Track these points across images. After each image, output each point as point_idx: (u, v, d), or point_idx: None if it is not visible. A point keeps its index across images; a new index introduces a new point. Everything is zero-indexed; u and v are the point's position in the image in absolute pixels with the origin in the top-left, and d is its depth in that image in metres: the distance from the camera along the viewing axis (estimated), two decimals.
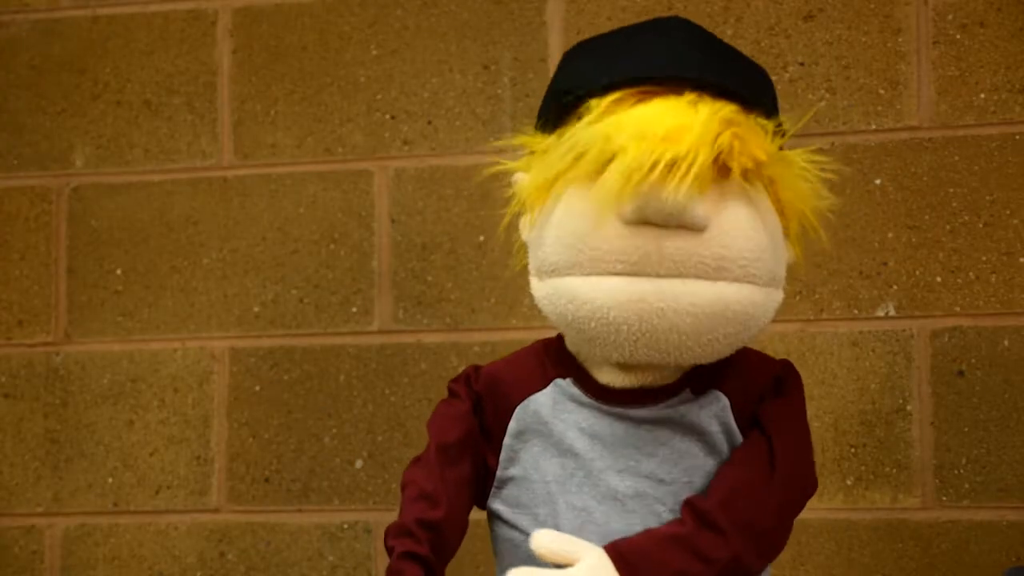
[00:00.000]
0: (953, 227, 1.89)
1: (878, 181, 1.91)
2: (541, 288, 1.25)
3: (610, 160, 1.16)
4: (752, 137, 1.18)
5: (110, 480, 2.07)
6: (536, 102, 1.33)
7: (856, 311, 1.90)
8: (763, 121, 1.20)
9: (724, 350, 1.23)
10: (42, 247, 2.12)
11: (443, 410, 1.34)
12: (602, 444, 1.26)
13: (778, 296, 1.26)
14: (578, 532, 1.23)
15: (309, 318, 2.04)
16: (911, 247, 1.90)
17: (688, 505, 1.23)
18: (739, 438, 1.26)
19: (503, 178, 1.31)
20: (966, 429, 1.87)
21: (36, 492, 2.09)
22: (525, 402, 1.29)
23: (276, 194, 2.07)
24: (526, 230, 1.29)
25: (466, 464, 1.30)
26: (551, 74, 1.98)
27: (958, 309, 1.88)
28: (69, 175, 2.13)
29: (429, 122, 2.04)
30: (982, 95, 1.89)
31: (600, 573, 1.19)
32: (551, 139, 1.23)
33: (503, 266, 1.33)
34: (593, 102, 1.19)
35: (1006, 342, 1.87)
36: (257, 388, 2.05)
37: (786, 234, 1.27)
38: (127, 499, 2.07)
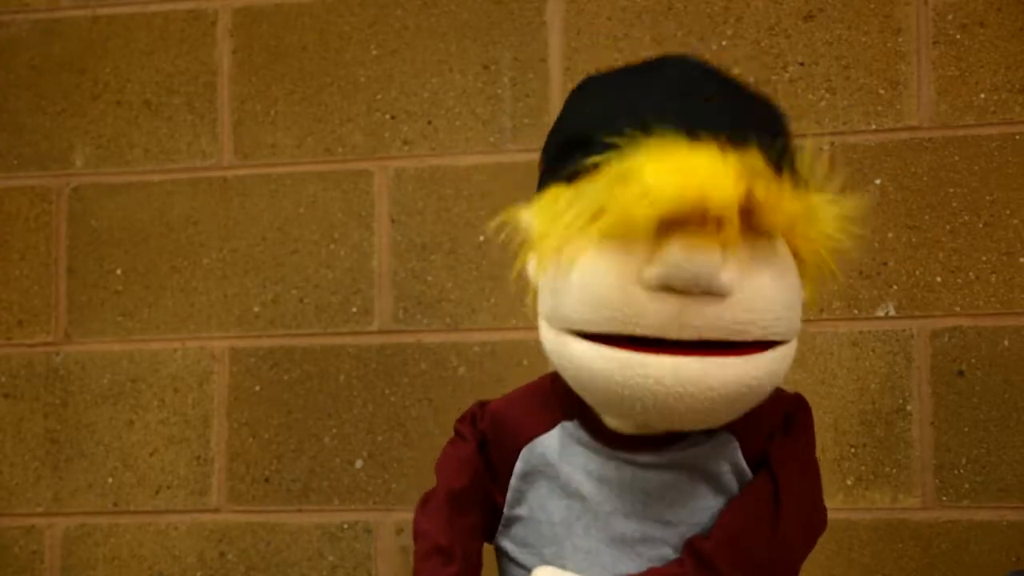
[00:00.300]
0: (953, 227, 1.89)
1: (878, 181, 1.91)
2: (551, 338, 1.20)
3: (635, 216, 1.10)
4: (781, 191, 1.13)
5: (110, 480, 2.07)
6: (536, 102, 1.33)
7: (856, 311, 1.90)
8: (788, 173, 1.15)
9: (735, 417, 1.19)
10: (42, 247, 2.12)
11: (450, 452, 1.32)
12: (609, 488, 1.24)
13: (793, 348, 1.22)
14: (585, 574, 1.22)
15: (309, 318, 2.04)
16: (911, 247, 1.90)
17: (688, 545, 1.21)
18: (749, 476, 1.24)
19: (502, 178, 1.30)
20: (966, 429, 1.87)
21: (36, 492, 2.09)
22: (531, 444, 1.27)
23: (276, 194, 2.07)
24: (536, 273, 1.23)
25: (476, 509, 1.29)
26: (551, 74, 1.98)
27: (958, 309, 1.88)
28: (69, 175, 2.13)
29: (429, 122, 2.04)
30: (982, 95, 1.89)
31: None
32: (562, 187, 1.17)
33: (503, 266, 1.33)
34: (615, 155, 1.12)
35: (1006, 342, 1.87)
36: (257, 388, 2.05)
37: (801, 275, 1.23)
38: (127, 499, 2.07)
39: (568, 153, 1.18)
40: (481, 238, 2.00)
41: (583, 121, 1.20)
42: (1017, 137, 1.88)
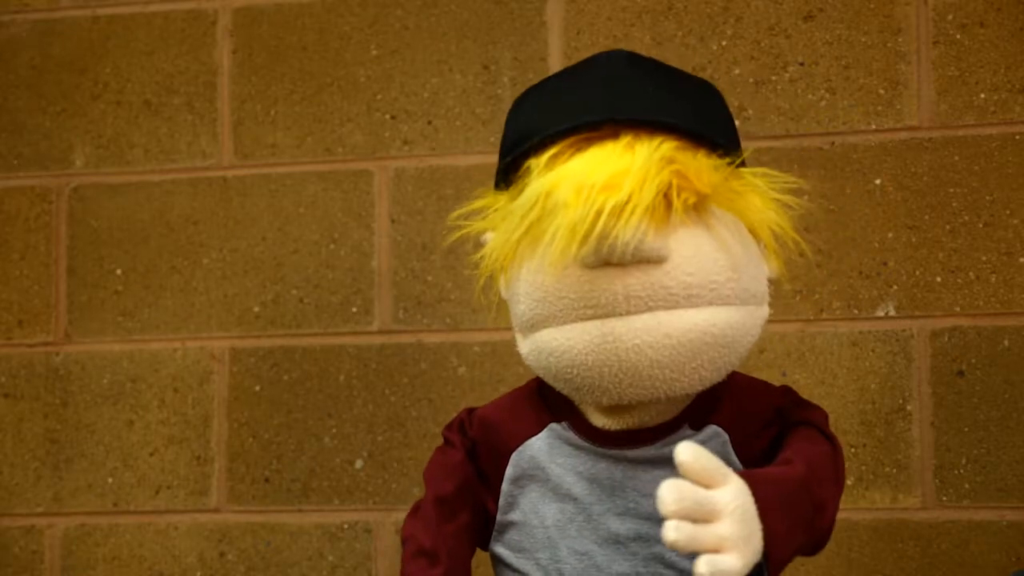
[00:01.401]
0: (953, 227, 1.89)
1: (878, 181, 1.91)
2: (524, 345, 1.24)
3: (559, 248, 1.14)
4: (694, 171, 1.16)
5: (110, 480, 2.07)
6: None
7: (856, 311, 1.90)
8: (706, 152, 1.17)
9: (713, 376, 1.20)
10: (42, 247, 2.12)
11: (439, 459, 1.33)
12: (600, 488, 1.25)
13: (762, 312, 1.23)
14: None
15: (309, 318, 2.04)
16: (911, 247, 1.90)
17: (800, 456, 1.19)
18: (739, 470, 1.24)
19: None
20: (966, 429, 1.87)
21: (36, 492, 2.09)
22: (521, 448, 1.28)
23: (276, 194, 2.07)
24: (503, 289, 1.28)
25: (464, 514, 1.29)
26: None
27: (958, 309, 1.88)
28: (69, 175, 2.13)
29: (429, 122, 2.04)
30: (982, 95, 1.89)
31: (747, 505, 1.10)
32: (506, 198, 1.22)
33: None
34: (532, 161, 1.18)
35: (1006, 342, 1.87)
36: (257, 388, 2.05)
37: (763, 250, 1.24)
38: (127, 499, 2.07)
39: (505, 165, 1.24)
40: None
41: (513, 132, 1.25)
42: (1017, 137, 1.88)
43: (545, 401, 1.29)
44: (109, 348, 2.09)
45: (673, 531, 1.05)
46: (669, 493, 1.07)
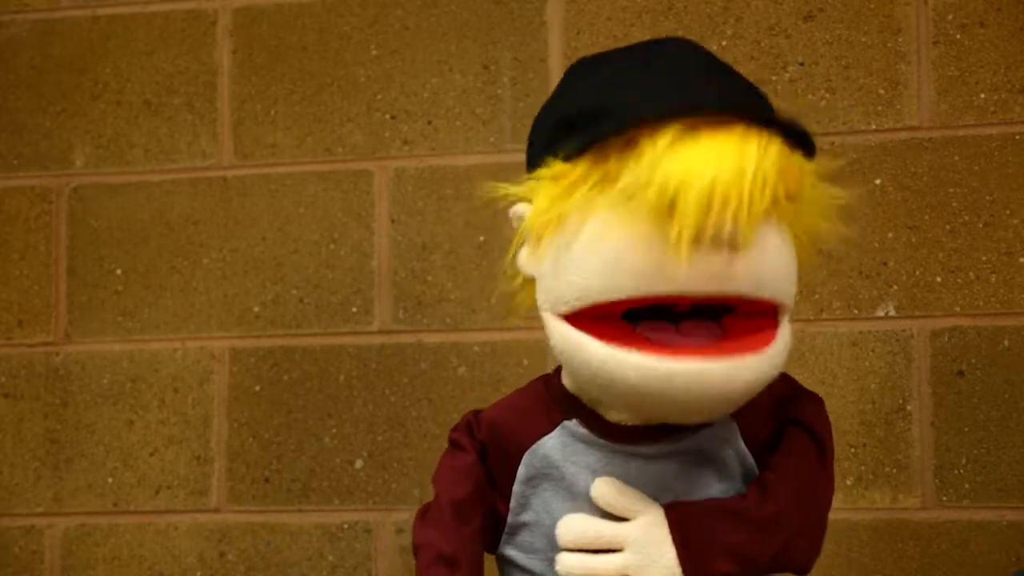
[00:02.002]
0: (953, 227, 1.89)
1: (878, 181, 1.91)
2: (559, 331, 1.18)
3: (664, 203, 1.10)
4: (795, 175, 1.16)
5: (110, 480, 2.07)
6: (536, 102, 1.33)
7: (856, 311, 1.90)
8: (797, 153, 1.17)
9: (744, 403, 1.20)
10: (42, 247, 2.12)
11: (449, 463, 1.30)
12: None
13: (790, 329, 1.22)
14: None
15: (309, 318, 2.04)
16: (911, 247, 1.90)
17: (755, 479, 1.22)
18: (750, 460, 1.25)
19: (502, 178, 1.29)
20: (966, 429, 1.87)
21: (36, 492, 2.09)
22: (534, 447, 1.26)
23: (276, 194, 2.07)
24: (531, 264, 1.22)
25: (478, 518, 1.27)
26: (551, 74, 1.98)
27: (958, 309, 1.88)
28: (69, 175, 2.13)
29: (429, 122, 2.04)
30: (982, 95, 1.89)
31: (654, 532, 1.17)
32: (568, 166, 1.16)
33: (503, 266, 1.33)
34: (644, 137, 1.11)
35: (1006, 342, 1.87)
36: (257, 388, 2.05)
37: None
38: (127, 499, 2.07)
39: (569, 129, 1.17)
40: (481, 238, 2.00)
41: (585, 97, 1.19)
42: (1017, 137, 1.88)
43: (555, 399, 1.27)
44: (109, 348, 2.09)
45: (559, 563, 1.17)
46: (565, 526, 1.18)
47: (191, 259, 2.08)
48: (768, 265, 1.15)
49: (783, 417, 1.27)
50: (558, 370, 1.29)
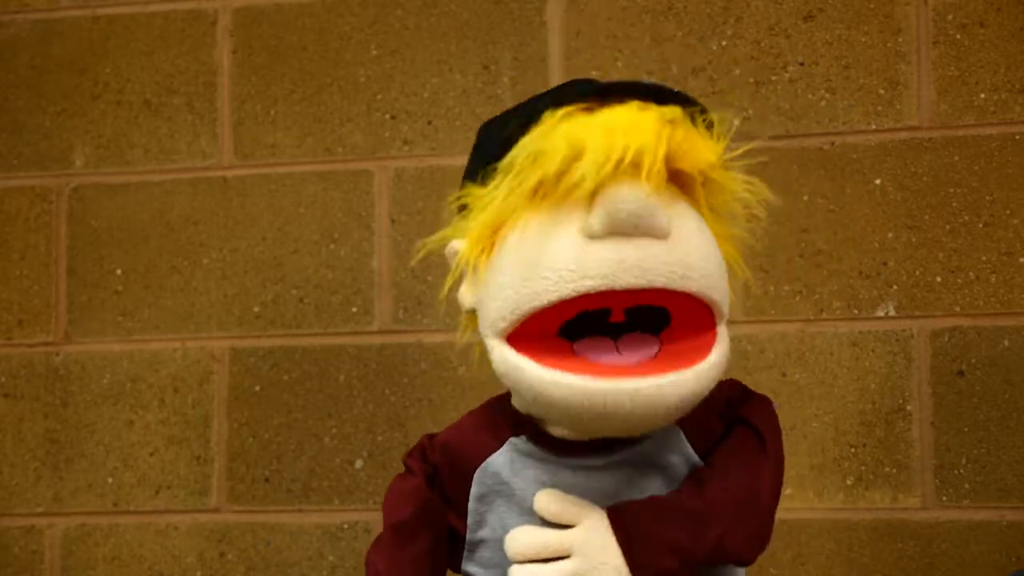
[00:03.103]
0: (953, 227, 1.89)
1: (878, 181, 1.91)
2: (499, 353, 1.21)
3: (568, 168, 1.14)
4: (699, 139, 1.18)
5: (110, 480, 2.07)
6: None
7: (856, 311, 1.90)
8: (705, 121, 1.20)
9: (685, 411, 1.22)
10: (42, 247, 2.12)
11: (397, 486, 1.34)
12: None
13: (726, 338, 1.22)
14: None
15: (309, 318, 2.04)
16: (911, 247, 1.90)
17: (690, 474, 1.23)
18: (699, 464, 1.26)
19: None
20: (966, 429, 1.87)
21: (36, 492, 2.09)
22: (483, 465, 1.28)
23: (276, 194, 2.07)
24: (469, 297, 1.26)
25: (423, 540, 1.30)
26: (551, 74, 1.98)
27: (958, 309, 1.88)
28: (69, 175, 2.13)
29: (429, 122, 2.04)
30: (982, 95, 1.89)
31: (597, 536, 1.19)
32: (485, 188, 1.22)
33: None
34: (546, 114, 1.17)
35: (1006, 342, 1.87)
36: (257, 388, 2.05)
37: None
38: (127, 499, 2.07)
39: (481, 163, 1.25)
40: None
41: (490, 141, 1.26)
42: (1017, 137, 1.88)
43: (503, 416, 1.29)
44: (109, 348, 2.09)
45: (511, 574, 1.20)
46: (513, 539, 1.21)
47: (191, 259, 2.08)
48: (691, 256, 1.17)
49: (733, 416, 1.28)
50: (508, 392, 1.31)
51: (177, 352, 2.07)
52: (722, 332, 1.21)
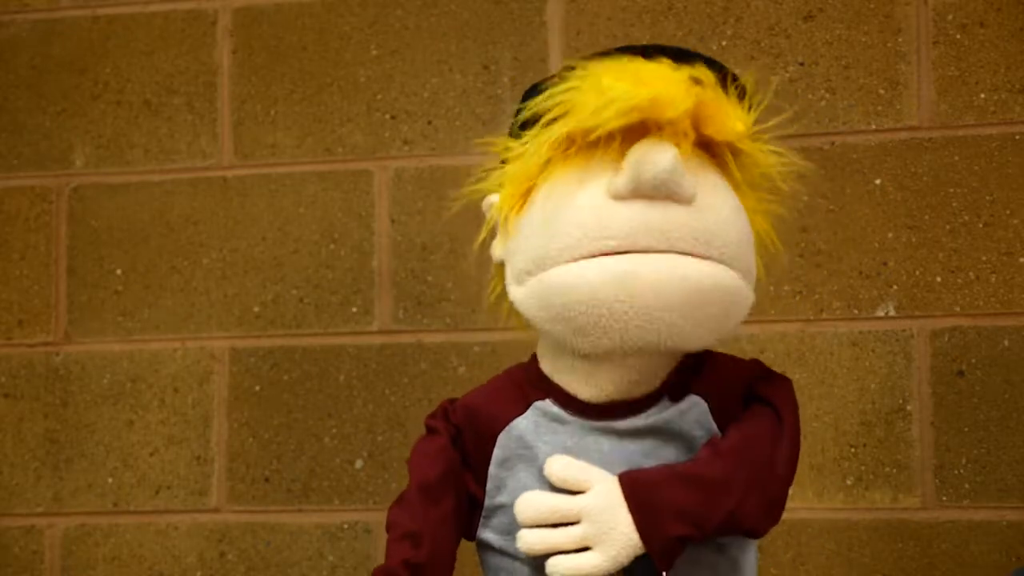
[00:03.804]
0: (953, 227, 1.89)
1: (878, 181, 1.91)
2: (523, 291, 1.24)
3: (596, 121, 1.16)
4: (729, 105, 1.20)
5: (110, 480, 2.07)
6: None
7: (856, 311, 1.90)
8: (738, 87, 1.22)
9: (707, 336, 1.23)
10: (42, 247, 2.12)
11: (422, 447, 1.32)
12: (589, 462, 1.24)
13: (751, 295, 1.25)
14: None
15: (309, 318, 2.04)
16: (911, 247, 1.90)
17: (708, 443, 1.23)
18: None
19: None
20: (966, 429, 1.87)
21: (36, 492, 2.09)
22: (507, 428, 1.28)
23: (276, 194, 2.07)
24: (500, 248, 1.29)
25: (449, 500, 1.29)
26: (551, 74, 1.98)
27: (958, 309, 1.88)
28: (69, 175, 2.13)
29: (429, 122, 2.04)
30: (982, 95, 1.89)
31: (608, 502, 1.19)
32: (519, 142, 1.24)
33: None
34: (578, 68, 1.19)
35: (1006, 342, 1.87)
36: (257, 388, 2.05)
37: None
38: (127, 499, 2.07)
39: (518, 118, 1.26)
40: (481, 238, 2.00)
41: (528, 97, 1.28)
42: (1017, 137, 1.88)
43: (528, 380, 1.30)
44: (109, 348, 2.09)
45: (520, 540, 1.20)
46: (522, 504, 1.21)
47: (191, 259, 2.08)
48: (715, 224, 1.18)
49: (752, 396, 1.29)
50: (534, 356, 1.33)
51: (177, 352, 2.07)
52: (746, 283, 1.23)
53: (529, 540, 1.21)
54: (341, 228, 2.05)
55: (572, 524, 1.20)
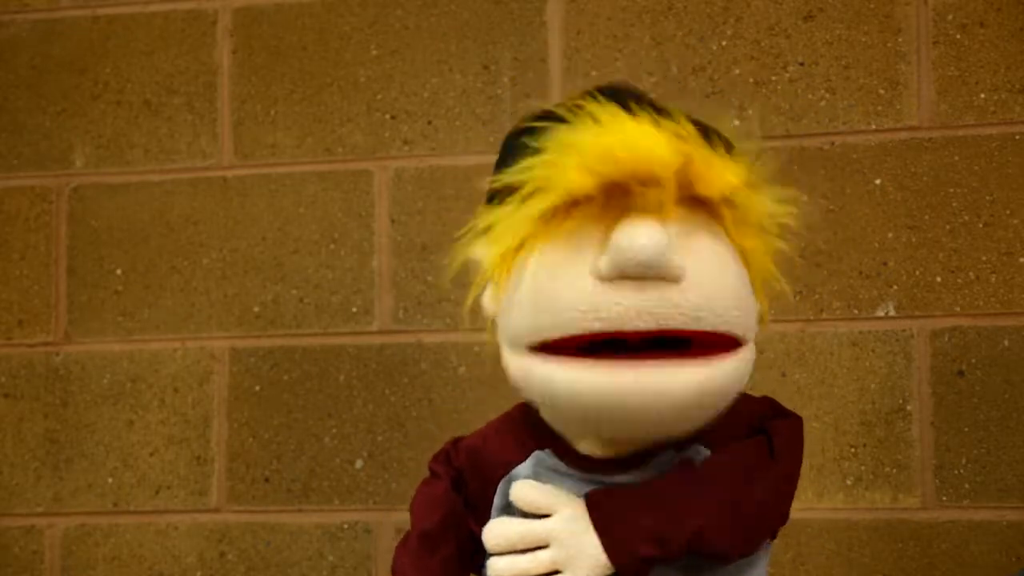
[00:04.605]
0: (953, 227, 1.89)
1: (878, 181, 1.91)
2: (515, 363, 1.21)
3: (575, 185, 1.12)
4: (718, 159, 1.15)
5: (110, 480, 2.07)
6: (536, 102, 1.33)
7: (856, 311, 1.90)
8: (722, 146, 1.17)
9: (708, 420, 1.19)
10: (42, 247, 2.12)
11: (424, 491, 1.33)
12: None
13: (752, 353, 1.22)
14: None
15: (309, 318, 2.04)
16: (911, 247, 1.90)
17: (681, 463, 1.22)
18: None
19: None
20: (966, 429, 1.87)
21: (36, 492, 2.09)
22: (507, 476, 1.27)
23: (276, 194, 2.07)
24: (491, 304, 1.27)
25: (449, 546, 1.29)
26: (551, 74, 1.98)
27: (958, 309, 1.88)
28: (69, 175, 2.13)
29: (429, 122, 2.04)
30: (982, 95, 1.89)
31: (575, 525, 1.19)
32: (506, 210, 1.20)
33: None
34: (545, 143, 1.15)
35: (1006, 342, 1.87)
36: (257, 388, 2.05)
37: (752, 283, 1.23)
38: (127, 499, 2.07)
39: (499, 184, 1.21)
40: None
41: (508, 157, 1.23)
42: (1017, 137, 1.88)
43: (529, 428, 1.28)
44: (109, 348, 2.09)
45: (489, 568, 1.20)
46: (490, 532, 1.21)
47: (191, 259, 2.08)
48: (707, 296, 1.14)
49: (754, 431, 1.27)
50: None
51: (177, 352, 2.07)
52: (746, 347, 1.20)
53: (499, 567, 1.21)
54: (341, 228, 2.05)
55: (541, 548, 1.20)
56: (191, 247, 2.08)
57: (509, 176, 1.18)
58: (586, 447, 1.24)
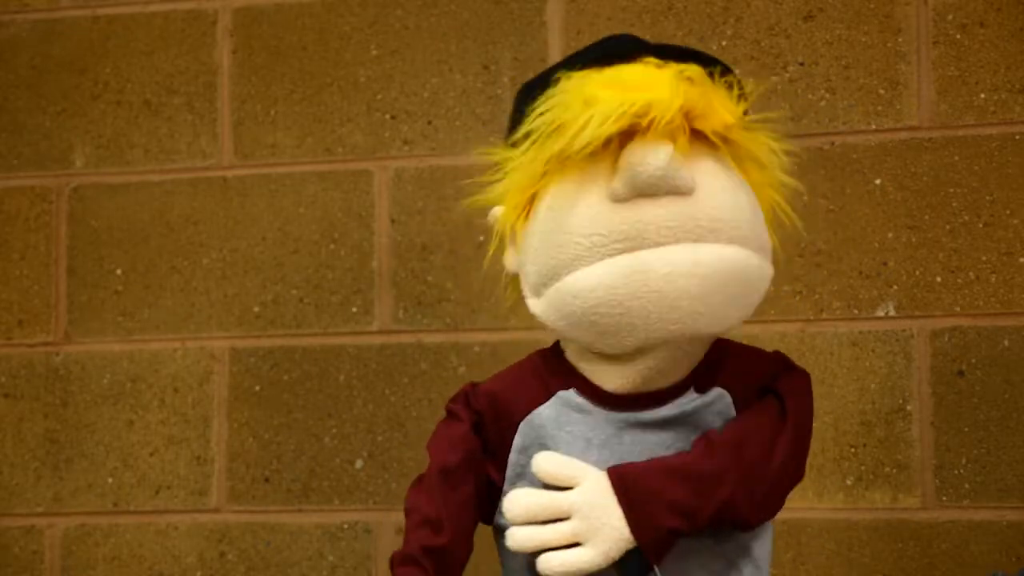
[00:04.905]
0: (953, 227, 1.89)
1: (878, 181, 1.91)
2: (541, 303, 1.24)
3: (586, 134, 1.17)
4: (718, 98, 1.20)
5: (110, 480, 2.07)
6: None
7: (856, 311, 1.90)
8: (727, 80, 1.22)
9: (732, 317, 1.22)
10: (42, 247, 2.12)
11: (443, 431, 1.32)
12: (610, 452, 1.25)
13: (769, 269, 1.25)
14: None
15: (309, 318, 2.04)
16: (911, 247, 1.90)
17: (703, 435, 1.23)
18: None
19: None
20: (966, 429, 1.87)
21: (36, 492, 2.09)
22: (529, 417, 1.28)
23: (276, 194, 2.07)
24: (512, 260, 1.29)
25: (468, 485, 1.29)
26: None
27: (958, 309, 1.88)
28: (69, 175, 2.13)
29: (429, 122, 2.04)
30: (982, 95, 1.89)
31: (597, 497, 1.19)
32: (516, 150, 1.24)
33: (504, 266, 1.34)
34: (563, 77, 1.20)
35: (1006, 342, 1.87)
36: (257, 388, 2.05)
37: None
38: (127, 499, 2.07)
39: (513, 126, 1.26)
40: (481, 238, 2.00)
41: (521, 103, 1.28)
42: (1017, 137, 1.88)
43: (551, 368, 1.30)
44: (109, 348, 2.09)
45: (509, 538, 1.20)
46: (511, 502, 1.22)
47: (191, 259, 2.08)
48: (719, 208, 1.19)
49: (766, 389, 1.29)
50: (556, 344, 1.32)
51: (177, 352, 2.07)
52: (761, 257, 1.23)
53: (519, 537, 1.21)
54: (341, 228, 2.05)
55: (562, 520, 1.20)
56: (191, 247, 2.08)
57: (524, 126, 1.21)
58: (612, 382, 1.25)
